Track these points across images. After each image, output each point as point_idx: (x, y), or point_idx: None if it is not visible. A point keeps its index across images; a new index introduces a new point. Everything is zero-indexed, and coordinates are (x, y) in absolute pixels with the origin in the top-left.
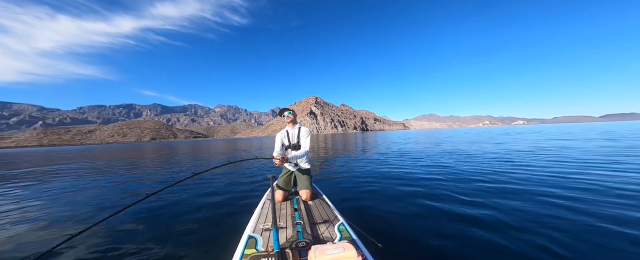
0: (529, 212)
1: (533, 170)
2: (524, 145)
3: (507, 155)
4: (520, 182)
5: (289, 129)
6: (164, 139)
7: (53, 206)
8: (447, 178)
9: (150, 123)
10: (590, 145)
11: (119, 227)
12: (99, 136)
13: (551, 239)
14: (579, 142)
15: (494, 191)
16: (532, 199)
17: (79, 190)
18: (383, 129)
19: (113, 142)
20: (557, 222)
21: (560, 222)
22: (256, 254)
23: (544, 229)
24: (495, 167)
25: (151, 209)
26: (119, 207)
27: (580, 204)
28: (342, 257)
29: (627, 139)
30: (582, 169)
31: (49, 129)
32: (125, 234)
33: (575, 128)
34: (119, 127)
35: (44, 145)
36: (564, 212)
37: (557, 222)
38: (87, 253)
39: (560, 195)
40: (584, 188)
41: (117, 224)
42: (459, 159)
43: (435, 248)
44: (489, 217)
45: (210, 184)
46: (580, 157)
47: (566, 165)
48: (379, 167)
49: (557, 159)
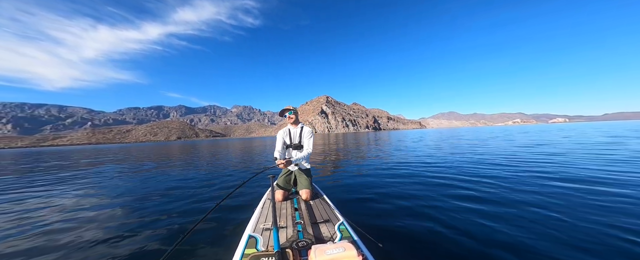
0: (529, 211)
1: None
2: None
3: (517, 154)
4: (521, 182)
5: (291, 128)
6: (188, 137)
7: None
8: (450, 178)
9: (176, 123)
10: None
11: (118, 227)
12: (134, 135)
13: (529, 236)
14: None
15: (495, 191)
16: (525, 202)
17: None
18: (397, 127)
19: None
20: (538, 220)
21: (540, 220)
22: (256, 254)
23: (533, 232)
24: (496, 167)
25: (151, 209)
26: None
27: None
28: (343, 256)
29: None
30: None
31: (97, 129)
32: (125, 235)
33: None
34: (151, 127)
35: (92, 143)
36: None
37: (538, 220)
38: (87, 252)
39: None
40: None
41: (117, 224)
42: (463, 158)
43: (436, 248)
44: (488, 216)
45: (210, 184)
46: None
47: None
48: (380, 167)
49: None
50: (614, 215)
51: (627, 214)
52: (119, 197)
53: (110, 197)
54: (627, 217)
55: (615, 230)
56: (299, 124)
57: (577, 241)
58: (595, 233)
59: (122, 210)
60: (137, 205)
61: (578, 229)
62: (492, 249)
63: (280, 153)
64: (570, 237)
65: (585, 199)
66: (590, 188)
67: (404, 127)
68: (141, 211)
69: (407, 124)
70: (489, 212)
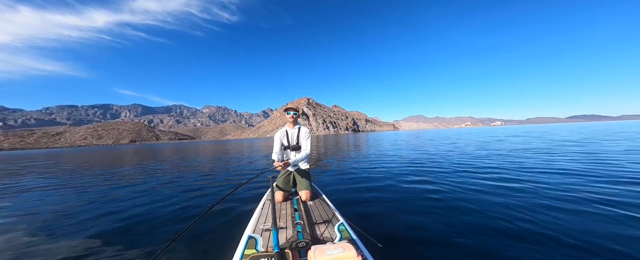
0: (527, 211)
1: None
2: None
3: (499, 155)
4: (519, 182)
5: (288, 129)
6: (145, 140)
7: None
8: (444, 178)
9: (129, 124)
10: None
11: (118, 227)
12: (70, 139)
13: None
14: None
15: (494, 191)
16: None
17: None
18: (374, 129)
19: (86, 144)
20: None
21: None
22: (256, 254)
23: (541, 224)
24: (493, 167)
25: (151, 209)
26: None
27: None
28: (342, 257)
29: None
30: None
31: (11, 131)
32: (125, 235)
33: (539, 129)
34: (94, 129)
35: (4, 149)
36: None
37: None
38: (85, 254)
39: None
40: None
41: (116, 224)
42: (454, 158)
43: (436, 248)
44: (488, 216)
45: (210, 185)
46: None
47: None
48: (378, 168)
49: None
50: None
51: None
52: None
53: (20, 215)
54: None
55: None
56: (297, 124)
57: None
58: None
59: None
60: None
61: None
62: (492, 249)
63: (278, 154)
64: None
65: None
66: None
67: (380, 129)
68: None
69: (382, 126)
70: (488, 211)
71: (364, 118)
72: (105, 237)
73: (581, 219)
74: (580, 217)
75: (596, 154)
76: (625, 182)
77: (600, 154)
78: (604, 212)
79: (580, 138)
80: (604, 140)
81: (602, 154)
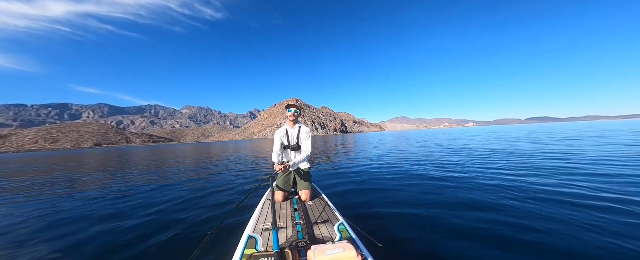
0: (527, 211)
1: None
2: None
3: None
4: (519, 182)
5: (288, 128)
6: (114, 144)
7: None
8: (444, 178)
9: (93, 126)
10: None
11: (118, 228)
12: (16, 143)
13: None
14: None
15: (493, 191)
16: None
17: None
18: (362, 130)
19: (37, 149)
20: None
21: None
22: (256, 254)
23: (538, 231)
24: (489, 168)
25: (150, 209)
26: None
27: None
28: (342, 257)
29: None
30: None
31: None
32: (124, 235)
33: (502, 130)
34: (47, 131)
35: None
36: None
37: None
38: (86, 254)
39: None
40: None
41: (116, 225)
42: (450, 159)
43: (436, 248)
44: (488, 216)
45: (210, 185)
46: None
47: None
48: (377, 168)
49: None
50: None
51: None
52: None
53: None
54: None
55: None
56: (298, 124)
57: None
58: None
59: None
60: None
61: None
62: (492, 248)
63: (278, 155)
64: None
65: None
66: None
67: (367, 130)
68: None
69: (369, 127)
70: (489, 212)
71: (352, 119)
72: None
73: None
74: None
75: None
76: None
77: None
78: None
79: (494, 139)
80: (514, 140)
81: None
